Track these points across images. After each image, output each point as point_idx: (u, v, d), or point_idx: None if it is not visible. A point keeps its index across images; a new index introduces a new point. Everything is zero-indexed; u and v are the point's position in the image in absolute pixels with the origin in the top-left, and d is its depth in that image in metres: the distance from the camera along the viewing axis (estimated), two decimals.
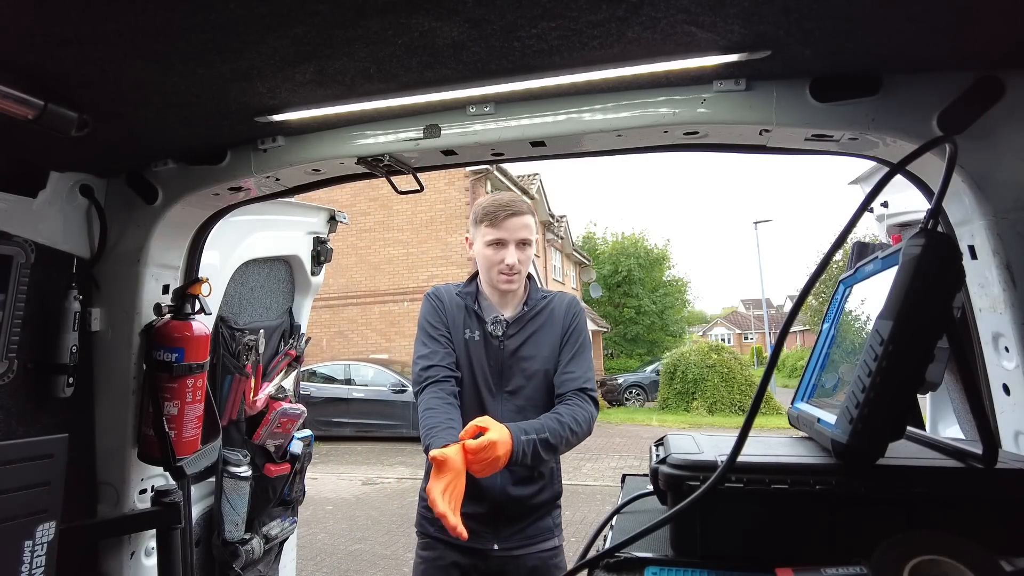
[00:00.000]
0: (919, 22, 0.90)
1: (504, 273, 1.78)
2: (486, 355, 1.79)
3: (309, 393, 12.01)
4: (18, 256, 1.34)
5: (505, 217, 1.76)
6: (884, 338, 0.66)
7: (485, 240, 1.79)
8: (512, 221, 1.77)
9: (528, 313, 1.84)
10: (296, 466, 2.22)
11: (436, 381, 1.70)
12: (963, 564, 0.57)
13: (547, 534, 1.79)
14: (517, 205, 1.79)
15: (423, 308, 1.87)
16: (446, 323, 1.82)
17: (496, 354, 1.79)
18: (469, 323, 1.82)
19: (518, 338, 1.81)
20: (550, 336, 1.84)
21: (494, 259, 1.77)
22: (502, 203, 1.79)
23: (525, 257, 1.81)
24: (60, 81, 1.03)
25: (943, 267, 0.66)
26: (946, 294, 0.67)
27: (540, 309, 1.87)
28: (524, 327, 1.82)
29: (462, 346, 1.81)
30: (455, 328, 1.82)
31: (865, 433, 0.67)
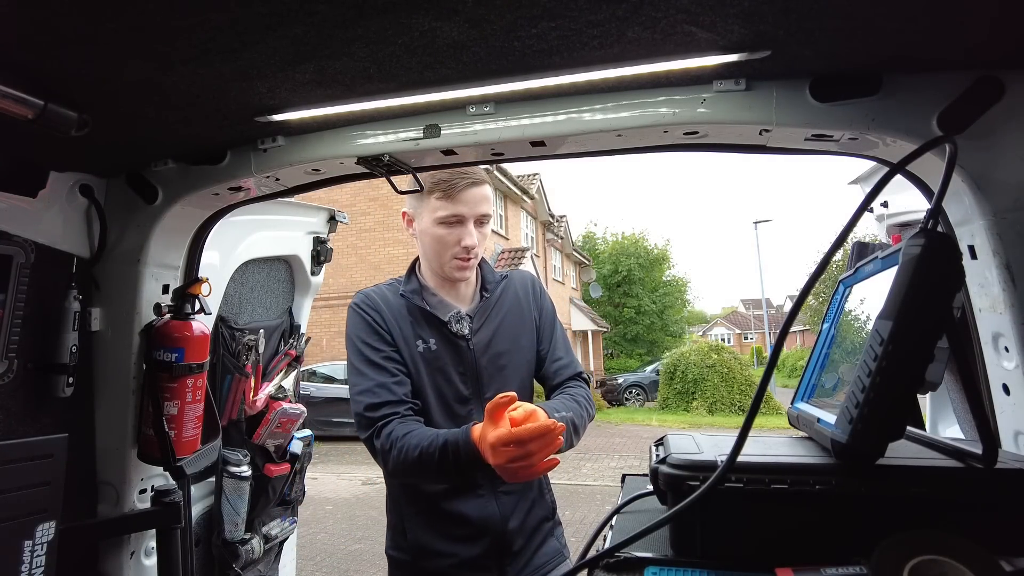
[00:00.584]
0: (919, 22, 0.90)
1: (460, 258, 1.45)
2: (453, 363, 1.45)
3: (309, 393, 12.02)
4: (18, 256, 1.34)
5: (465, 187, 1.42)
6: (884, 338, 0.66)
7: (437, 217, 1.43)
8: (471, 192, 1.43)
9: (490, 300, 1.53)
10: (296, 466, 2.22)
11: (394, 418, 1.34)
12: (963, 564, 0.57)
13: (558, 557, 1.50)
14: (477, 172, 1.45)
15: (353, 323, 1.47)
16: (391, 339, 1.43)
17: (465, 358, 1.45)
18: (420, 330, 1.45)
19: (486, 332, 1.49)
20: (520, 322, 1.54)
21: (448, 239, 1.43)
22: (458, 170, 1.42)
23: (483, 236, 1.48)
24: (60, 81, 1.03)
25: (943, 267, 0.66)
26: (946, 294, 0.67)
27: (501, 293, 1.56)
28: (489, 317, 1.51)
29: (416, 363, 1.43)
30: (403, 342, 1.43)
31: (865, 433, 0.67)
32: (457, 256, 1.45)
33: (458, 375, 1.45)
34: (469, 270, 1.48)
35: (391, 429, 1.33)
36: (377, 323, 1.45)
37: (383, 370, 1.39)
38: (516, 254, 16.61)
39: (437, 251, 1.47)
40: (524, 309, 1.58)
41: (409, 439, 1.29)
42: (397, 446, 1.30)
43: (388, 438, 1.32)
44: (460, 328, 1.46)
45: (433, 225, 1.45)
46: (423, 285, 1.52)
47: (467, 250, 1.44)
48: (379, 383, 1.38)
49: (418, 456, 1.27)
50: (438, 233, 1.44)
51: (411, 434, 1.30)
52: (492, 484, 1.44)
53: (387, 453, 1.32)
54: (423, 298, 1.49)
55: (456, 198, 1.42)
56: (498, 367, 1.48)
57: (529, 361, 1.53)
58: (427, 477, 1.35)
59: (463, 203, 1.43)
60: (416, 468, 1.28)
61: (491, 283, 1.56)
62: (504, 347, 1.50)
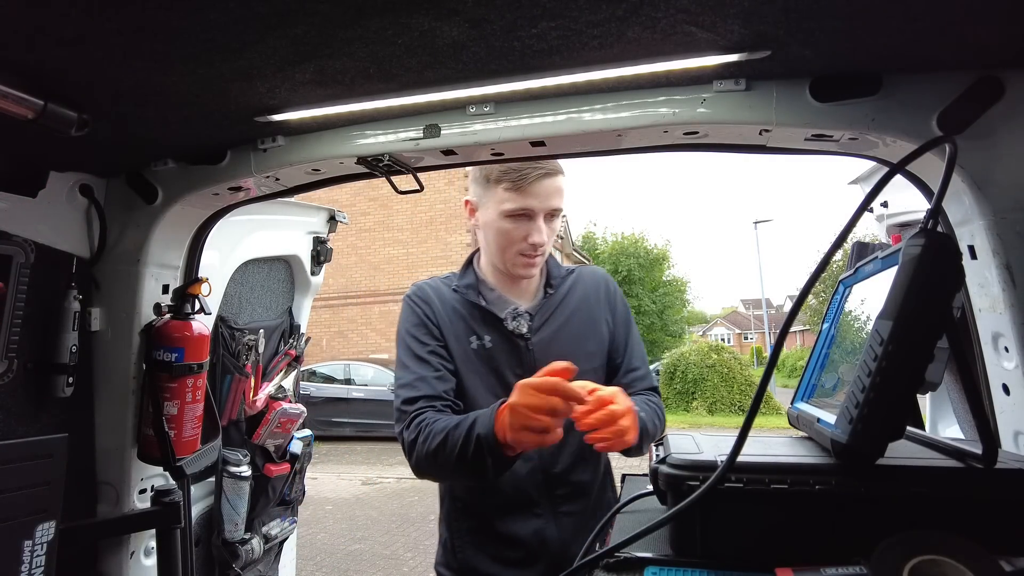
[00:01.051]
0: (919, 22, 0.90)
1: (527, 255, 1.34)
2: (509, 364, 1.34)
3: (309, 393, 12.02)
4: (18, 256, 1.34)
5: (537, 178, 1.30)
6: (884, 338, 0.66)
7: (503, 209, 1.32)
8: (544, 184, 1.31)
9: (555, 297, 1.40)
10: (296, 466, 2.22)
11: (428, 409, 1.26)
12: (963, 564, 0.57)
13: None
14: (550, 161, 1.33)
15: (403, 316, 1.40)
16: (439, 334, 1.36)
17: (524, 359, 1.34)
18: (475, 326, 1.36)
19: (547, 332, 1.37)
20: (588, 324, 1.40)
21: (515, 235, 1.32)
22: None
23: (551, 232, 1.36)
24: (60, 81, 1.03)
25: (943, 267, 0.66)
26: (946, 294, 0.67)
27: (567, 291, 1.43)
28: (552, 317, 1.38)
29: (467, 361, 1.34)
30: (454, 339, 1.35)
31: (865, 433, 0.67)
32: (523, 253, 1.33)
33: (514, 376, 1.30)
34: (535, 268, 1.36)
35: (422, 419, 1.24)
36: (426, 316, 1.36)
37: (425, 364, 1.31)
38: None
39: (501, 246, 1.35)
40: (594, 311, 1.42)
41: (436, 424, 1.21)
42: (424, 432, 1.21)
43: (416, 427, 1.23)
44: (518, 326, 1.34)
45: (499, 218, 1.33)
46: (480, 279, 1.41)
47: (534, 247, 1.32)
48: (419, 376, 1.30)
49: (443, 439, 1.16)
50: (503, 227, 1.33)
51: (439, 420, 1.21)
52: (552, 504, 1.31)
53: (413, 443, 1.23)
54: (479, 293, 1.38)
55: (526, 190, 1.30)
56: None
57: (596, 369, 1.37)
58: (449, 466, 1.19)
59: (533, 196, 1.30)
60: (439, 454, 1.17)
61: (556, 279, 1.43)
62: (568, 350, 1.34)
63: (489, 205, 1.36)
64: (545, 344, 1.35)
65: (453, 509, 1.40)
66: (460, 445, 1.15)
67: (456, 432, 1.16)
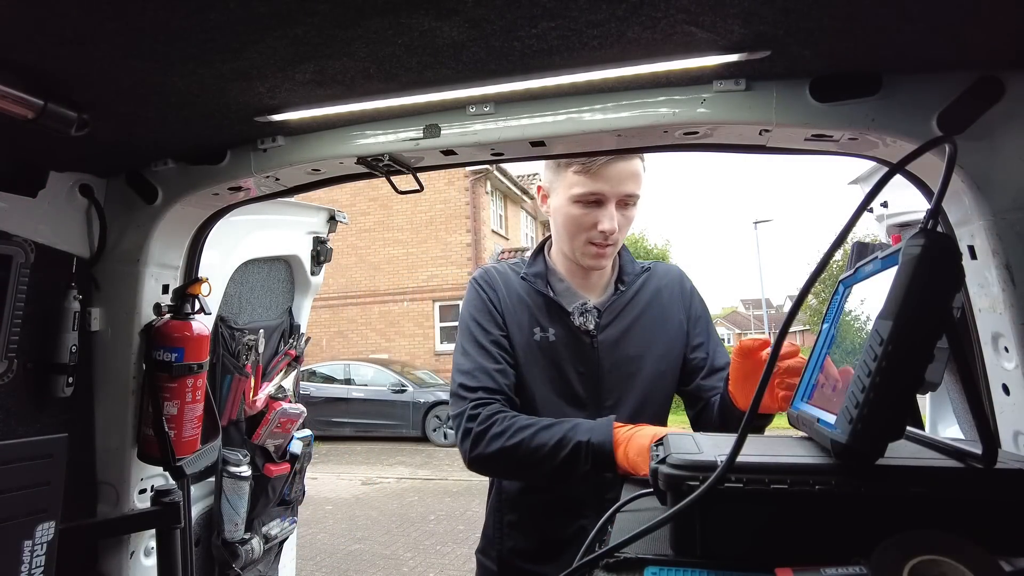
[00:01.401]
0: (919, 22, 0.90)
1: (596, 243, 1.27)
2: (572, 360, 1.29)
3: (309, 393, 12.02)
4: (18, 256, 1.34)
5: (609, 160, 1.23)
6: (884, 338, 0.66)
7: (573, 194, 1.26)
8: (616, 167, 1.24)
9: (626, 294, 1.34)
10: (296, 466, 2.22)
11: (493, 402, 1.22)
12: (963, 564, 0.57)
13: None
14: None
15: (468, 299, 1.36)
16: (503, 322, 1.31)
17: (588, 357, 1.29)
18: (540, 317, 1.31)
19: (615, 330, 1.31)
20: (660, 324, 1.34)
21: (584, 222, 1.26)
22: None
23: (627, 221, 1.29)
24: (60, 81, 1.03)
25: (943, 267, 0.66)
26: (946, 294, 0.67)
27: (639, 288, 1.36)
28: (621, 314, 1.33)
29: (529, 353, 1.29)
30: (517, 328, 1.30)
31: (865, 433, 0.67)
32: (592, 241, 1.26)
33: (576, 374, 1.28)
34: (605, 259, 1.29)
35: (498, 414, 1.19)
36: (491, 302, 1.32)
37: (487, 354, 1.27)
38: (516, 254, 16.60)
39: (571, 233, 1.29)
40: (668, 310, 1.36)
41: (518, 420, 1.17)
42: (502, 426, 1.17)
43: (490, 420, 1.18)
44: (584, 322, 1.29)
45: (568, 203, 1.27)
46: (550, 268, 1.36)
47: (604, 235, 1.25)
48: (480, 366, 1.25)
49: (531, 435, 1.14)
50: (573, 213, 1.27)
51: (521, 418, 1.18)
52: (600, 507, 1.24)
53: (482, 435, 1.18)
54: (548, 283, 1.33)
55: (597, 173, 1.24)
56: (626, 373, 1.29)
57: (665, 372, 1.31)
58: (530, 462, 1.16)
59: (604, 179, 1.23)
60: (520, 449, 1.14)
61: (629, 275, 1.37)
62: (636, 351, 1.30)
63: (559, 190, 1.30)
64: (611, 344, 1.30)
65: (499, 501, 1.38)
66: (553, 447, 1.13)
67: (548, 433, 1.14)
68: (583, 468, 1.12)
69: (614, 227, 1.25)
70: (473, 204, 16.36)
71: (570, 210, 1.27)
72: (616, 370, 1.30)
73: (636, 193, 1.27)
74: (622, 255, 1.41)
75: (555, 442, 1.13)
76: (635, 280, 1.37)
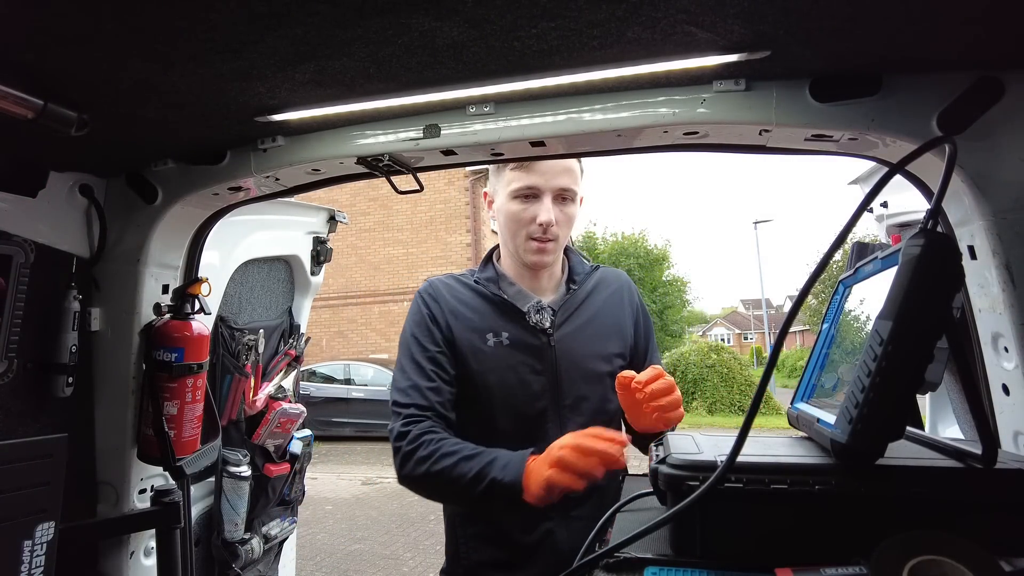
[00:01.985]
0: (919, 22, 0.90)
1: (536, 239, 1.29)
2: (528, 361, 1.28)
3: (309, 393, 12.02)
4: (17, 256, 1.34)
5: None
6: (884, 338, 0.66)
7: (511, 190, 1.30)
8: (550, 162, 1.29)
9: (578, 294, 1.35)
10: (296, 466, 2.22)
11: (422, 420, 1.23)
12: (963, 564, 0.57)
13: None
14: None
15: (409, 314, 1.36)
16: (442, 336, 1.30)
17: (545, 356, 1.29)
18: (493, 322, 1.31)
19: (571, 328, 1.32)
20: (612, 325, 1.36)
21: (523, 216, 1.29)
22: None
23: (566, 217, 1.32)
24: (60, 81, 1.03)
25: (942, 267, 0.67)
26: (946, 294, 0.67)
27: (592, 289, 1.38)
28: (576, 313, 1.34)
29: (483, 361, 1.28)
30: (466, 339, 1.29)
31: (864, 433, 0.67)
32: (532, 236, 1.28)
33: (534, 375, 1.27)
34: (547, 254, 1.30)
35: (426, 435, 1.20)
36: (431, 316, 1.31)
37: (421, 371, 1.27)
38: None
39: (512, 230, 1.31)
40: (618, 313, 1.37)
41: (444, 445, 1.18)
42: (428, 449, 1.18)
43: (418, 441, 1.20)
44: (540, 320, 1.29)
45: (507, 200, 1.31)
46: (500, 274, 1.37)
47: (543, 228, 1.27)
48: (413, 384, 1.26)
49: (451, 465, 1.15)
50: (512, 209, 1.30)
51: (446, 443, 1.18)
52: (563, 507, 1.25)
53: (409, 455, 1.19)
54: (500, 287, 1.34)
55: (531, 168, 1.29)
56: (583, 371, 1.30)
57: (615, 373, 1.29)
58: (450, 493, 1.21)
59: (539, 173, 1.28)
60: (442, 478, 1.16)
61: (580, 274, 1.38)
62: (592, 349, 1.31)
63: (500, 190, 1.36)
64: (568, 342, 1.31)
65: (457, 513, 1.37)
66: (470, 481, 1.13)
67: (468, 465, 1.14)
68: (499, 504, 1.13)
69: (550, 218, 1.28)
70: (473, 204, 16.36)
71: (510, 206, 1.31)
72: (573, 368, 1.30)
73: (572, 188, 1.31)
74: (571, 256, 1.42)
75: (472, 476, 1.13)
76: (586, 280, 1.39)
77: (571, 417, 1.28)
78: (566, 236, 1.34)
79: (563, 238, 1.33)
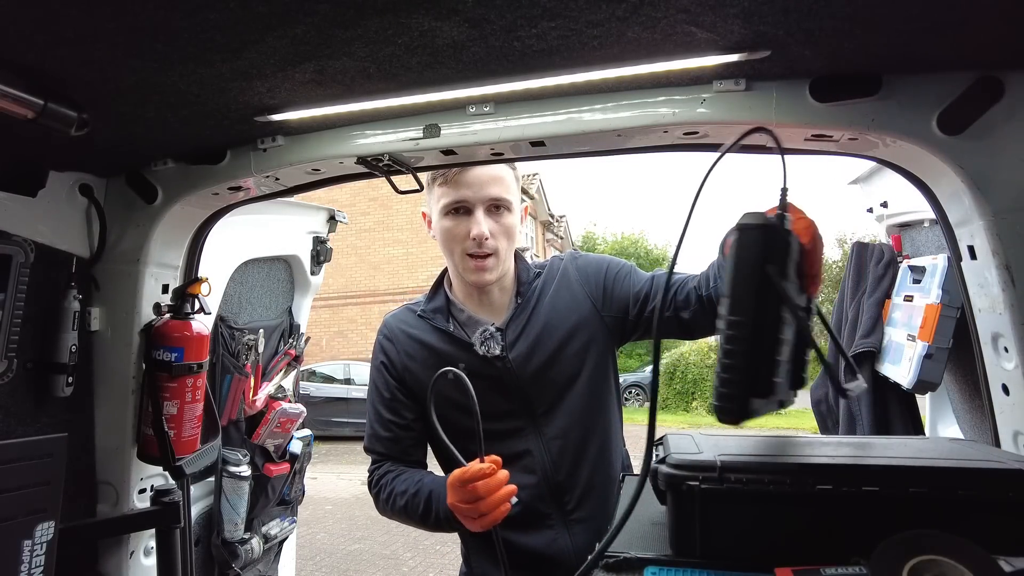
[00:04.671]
0: (919, 22, 0.90)
1: (473, 255, 1.22)
2: (492, 382, 1.25)
3: (309, 393, 12.01)
4: (17, 255, 1.34)
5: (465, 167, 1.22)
6: (724, 314, 0.73)
7: (441, 206, 1.24)
8: (476, 173, 1.22)
9: (526, 306, 1.29)
10: (295, 466, 2.22)
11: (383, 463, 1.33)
12: (962, 564, 0.57)
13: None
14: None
15: (372, 355, 1.37)
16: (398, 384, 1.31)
17: (507, 379, 1.26)
18: (447, 355, 1.27)
19: (524, 345, 1.27)
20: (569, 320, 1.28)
21: (457, 233, 1.23)
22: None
23: (502, 228, 1.24)
24: (60, 80, 1.03)
25: (752, 241, 0.73)
26: (757, 264, 0.73)
27: (539, 293, 1.31)
28: (527, 327, 1.28)
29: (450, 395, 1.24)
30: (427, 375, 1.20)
31: (727, 395, 0.72)
32: (468, 252, 1.22)
33: (499, 395, 1.26)
34: (488, 271, 1.23)
35: (381, 476, 1.33)
36: (388, 362, 1.33)
37: (379, 418, 1.35)
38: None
39: (449, 248, 1.26)
40: (572, 302, 1.30)
41: (396, 484, 1.29)
42: (386, 491, 1.30)
43: (377, 484, 1.33)
44: (489, 349, 1.25)
45: (440, 217, 1.26)
46: (451, 300, 1.33)
47: (477, 243, 1.21)
48: (373, 432, 1.37)
49: (404, 504, 1.26)
50: (446, 226, 1.25)
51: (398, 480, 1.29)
52: (563, 513, 1.28)
53: (376, 496, 1.33)
54: (449, 315, 1.30)
55: (456, 181, 1.23)
56: (548, 381, 1.27)
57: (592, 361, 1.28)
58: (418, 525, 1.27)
59: (465, 186, 1.22)
60: (404, 514, 1.27)
61: (525, 284, 1.31)
62: (551, 357, 1.26)
63: (433, 207, 1.29)
64: (525, 359, 1.27)
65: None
66: (422, 514, 1.22)
67: (415, 501, 1.23)
68: (457, 527, 1.18)
69: (483, 231, 1.21)
70: None
71: (443, 223, 1.25)
72: (539, 382, 1.28)
73: (504, 197, 1.24)
74: (519, 264, 1.35)
75: (422, 511, 1.22)
76: (531, 288, 1.32)
77: (549, 422, 1.28)
78: (507, 248, 1.27)
79: (504, 250, 1.26)
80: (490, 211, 1.24)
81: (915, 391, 1.77)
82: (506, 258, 1.27)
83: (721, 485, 0.71)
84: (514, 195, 1.28)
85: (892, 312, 1.91)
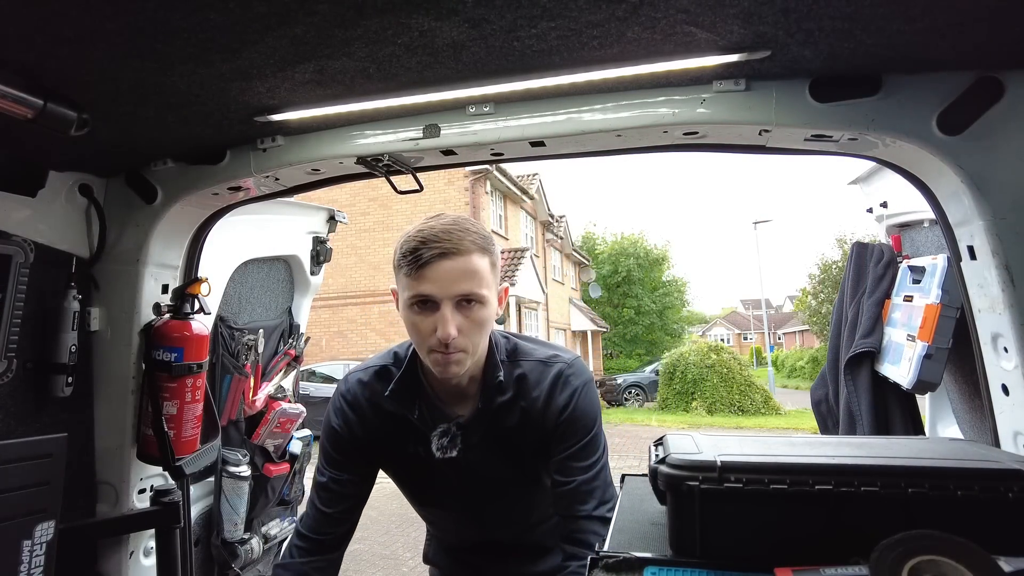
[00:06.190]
0: (919, 22, 0.90)
1: (438, 351, 1.09)
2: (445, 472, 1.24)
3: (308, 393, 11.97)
4: (17, 255, 1.34)
5: (432, 259, 1.06)
6: None
7: (405, 298, 1.11)
8: (444, 266, 1.06)
9: (487, 411, 1.20)
10: (295, 466, 2.22)
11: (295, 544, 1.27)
12: (962, 564, 0.57)
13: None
14: (453, 237, 1.07)
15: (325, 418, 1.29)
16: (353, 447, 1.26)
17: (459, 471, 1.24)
18: (408, 439, 1.24)
19: (478, 453, 1.22)
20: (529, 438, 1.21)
21: (423, 328, 1.10)
22: (430, 234, 1.07)
23: (472, 323, 1.10)
24: (60, 80, 1.03)
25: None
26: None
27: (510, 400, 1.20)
28: (486, 432, 1.21)
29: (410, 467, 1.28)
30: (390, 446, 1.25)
31: None
32: (434, 349, 1.09)
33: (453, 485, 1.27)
34: (455, 365, 1.11)
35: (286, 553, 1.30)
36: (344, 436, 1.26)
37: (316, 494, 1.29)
38: (516, 254, 16.62)
39: (415, 340, 1.14)
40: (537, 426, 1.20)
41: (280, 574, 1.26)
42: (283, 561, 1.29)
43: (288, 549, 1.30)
44: (444, 450, 1.19)
45: (405, 308, 1.12)
46: (421, 380, 1.23)
47: (442, 343, 1.07)
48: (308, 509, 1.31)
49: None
50: (411, 318, 1.11)
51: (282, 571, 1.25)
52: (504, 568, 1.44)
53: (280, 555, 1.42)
54: (415, 397, 1.22)
55: (421, 275, 1.06)
56: (498, 492, 1.27)
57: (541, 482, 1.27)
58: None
59: (430, 280, 1.06)
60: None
61: (490, 388, 1.19)
62: (502, 470, 1.23)
63: (400, 293, 1.15)
64: (475, 465, 1.22)
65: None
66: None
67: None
68: None
69: (449, 332, 1.06)
70: (473, 204, 16.36)
71: (408, 315, 1.12)
72: (488, 490, 1.27)
73: (475, 292, 1.08)
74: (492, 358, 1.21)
75: None
76: (496, 394, 1.20)
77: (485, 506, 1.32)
78: (478, 342, 1.14)
79: (475, 346, 1.13)
80: (460, 306, 1.09)
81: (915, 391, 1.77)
82: (476, 352, 1.15)
83: (721, 485, 0.71)
84: (489, 286, 1.12)
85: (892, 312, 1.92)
